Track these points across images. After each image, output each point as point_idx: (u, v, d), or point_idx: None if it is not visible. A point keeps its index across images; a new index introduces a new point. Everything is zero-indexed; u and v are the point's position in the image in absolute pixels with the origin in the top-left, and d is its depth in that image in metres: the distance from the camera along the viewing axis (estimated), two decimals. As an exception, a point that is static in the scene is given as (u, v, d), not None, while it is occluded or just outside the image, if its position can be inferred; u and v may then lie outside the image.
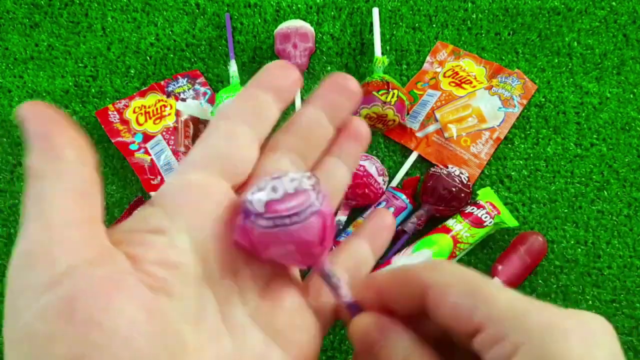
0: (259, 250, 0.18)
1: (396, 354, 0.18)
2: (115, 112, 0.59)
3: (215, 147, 0.20)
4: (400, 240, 0.53)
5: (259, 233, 0.17)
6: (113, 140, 0.57)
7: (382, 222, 0.23)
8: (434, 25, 0.64)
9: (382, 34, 0.62)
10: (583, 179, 0.57)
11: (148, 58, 0.63)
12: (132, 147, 0.57)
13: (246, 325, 0.19)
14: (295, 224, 0.17)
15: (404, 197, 0.54)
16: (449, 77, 0.61)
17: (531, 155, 0.58)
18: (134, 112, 0.59)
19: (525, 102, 0.59)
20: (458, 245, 0.51)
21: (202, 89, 0.61)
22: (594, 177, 0.57)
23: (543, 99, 0.60)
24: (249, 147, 0.20)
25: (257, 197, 0.17)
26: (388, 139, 0.59)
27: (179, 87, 0.61)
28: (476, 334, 0.17)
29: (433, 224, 0.53)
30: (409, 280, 0.19)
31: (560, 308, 0.17)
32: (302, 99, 0.59)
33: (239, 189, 0.20)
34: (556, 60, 0.62)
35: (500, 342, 0.16)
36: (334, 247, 0.22)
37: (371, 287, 0.20)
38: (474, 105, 0.58)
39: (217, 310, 0.18)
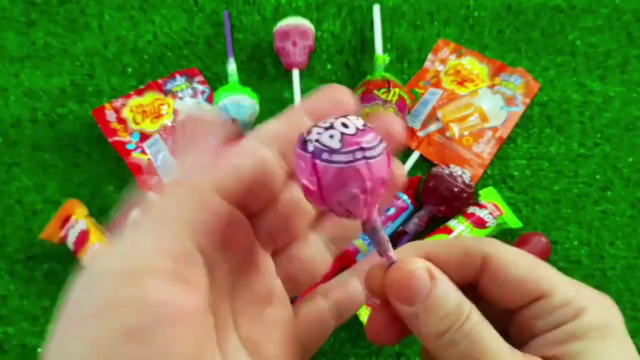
0: (328, 194, 0.17)
1: (446, 302, 0.18)
2: (112, 111, 0.58)
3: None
4: (402, 241, 0.52)
5: (334, 171, 0.16)
6: (110, 140, 0.56)
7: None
8: (436, 23, 0.64)
9: (383, 32, 0.62)
10: (586, 179, 0.56)
11: (145, 56, 0.62)
12: (129, 146, 0.56)
13: (239, 353, 0.18)
14: (373, 158, 0.16)
15: (405, 197, 0.53)
16: (450, 75, 0.60)
17: (534, 154, 0.57)
18: (131, 111, 0.58)
19: (528, 101, 0.58)
20: (460, 246, 0.50)
21: (200, 88, 0.60)
22: (597, 177, 0.56)
23: (546, 98, 0.59)
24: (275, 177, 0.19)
25: (327, 134, 0.16)
26: (389, 139, 0.58)
27: (176, 85, 0.60)
28: (534, 302, 0.18)
29: (435, 224, 0.53)
30: (467, 249, 0.19)
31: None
32: (301, 97, 0.59)
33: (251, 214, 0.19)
34: (559, 59, 0.61)
35: (565, 306, 0.18)
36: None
37: (420, 251, 0.19)
38: (476, 104, 0.57)
39: (216, 335, 0.18)
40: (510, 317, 0.19)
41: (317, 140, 0.16)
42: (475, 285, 0.19)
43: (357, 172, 0.16)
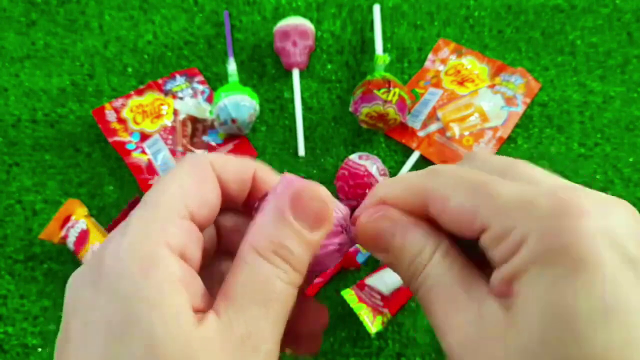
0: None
1: (411, 245, 0.18)
2: (112, 111, 0.58)
3: None
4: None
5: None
6: (110, 140, 0.56)
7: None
8: (436, 23, 0.63)
9: (383, 32, 0.62)
10: (587, 179, 0.56)
11: (145, 56, 0.62)
12: (129, 146, 0.56)
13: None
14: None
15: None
16: (451, 75, 0.60)
17: (534, 154, 0.57)
18: (131, 111, 0.58)
19: (528, 100, 0.58)
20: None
21: (201, 88, 0.60)
22: (597, 177, 0.56)
23: (546, 98, 0.59)
24: None
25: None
26: (389, 139, 0.58)
27: (176, 85, 0.60)
28: (482, 234, 0.16)
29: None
30: (411, 188, 0.19)
31: (579, 187, 0.15)
32: (302, 97, 0.59)
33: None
34: (560, 59, 0.61)
35: (505, 238, 0.15)
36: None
37: (375, 199, 0.20)
38: (476, 104, 0.57)
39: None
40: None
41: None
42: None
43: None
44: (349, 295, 0.48)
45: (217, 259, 0.22)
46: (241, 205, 0.22)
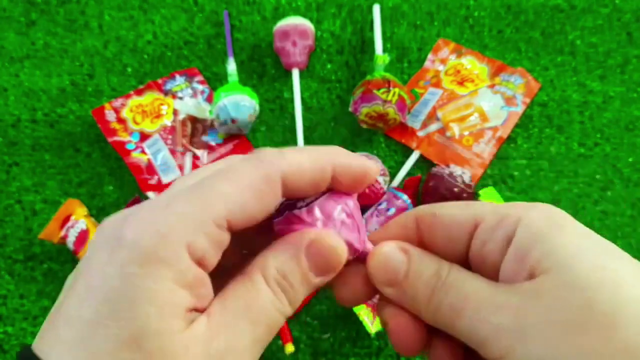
0: None
1: (426, 268, 0.20)
2: (112, 111, 0.58)
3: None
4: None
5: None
6: (109, 140, 0.56)
7: None
8: (436, 23, 0.63)
9: (383, 32, 0.62)
10: (587, 179, 0.56)
11: (145, 56, 0.62)
12: (129, 146, 0.56)
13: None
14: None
15: (405, 197, 0.53)
16: (450, 75, 0.60)
17: (534, 154, 0.57)
18: (131, 111, 0.58)
19: (528, 100, 0.58)
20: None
21: (200, 87, 0.60)
22: (597, 177, 0.56)
23: (546, 98, 0.59)
24: None
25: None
26: (389, 138, 0.58)
27: (176, 85, 0.60)
28: (475, 231, 0.19)
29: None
30: (406, 224, 0.21)
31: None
32: (301, 97, 0.59)
33: None
34: (559, 59, 0.61)
35: (503, 220, 0.18)
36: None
37: (388, 234, 0.22)
38: (476, 103, 0.57)
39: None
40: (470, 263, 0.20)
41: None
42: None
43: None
44: (349, 295, 0.48)
45: (237, 254, 0.22)
46: None
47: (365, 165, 0.20)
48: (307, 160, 0.19)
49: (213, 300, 0.18)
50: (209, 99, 0.59)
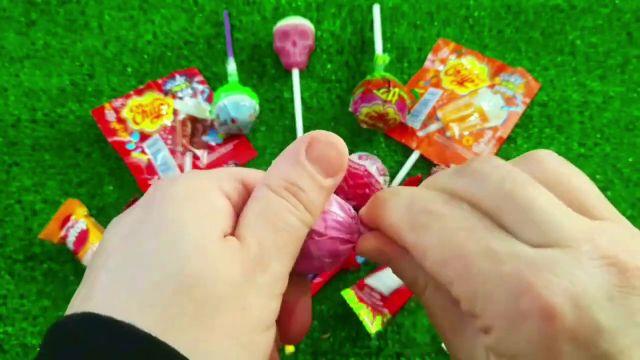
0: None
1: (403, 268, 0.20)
2: (112, 111, 0.58)
3: None
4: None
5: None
6: (109, 140, 0.56)
7: None
8: (436, 23, 0.63)
9: (383, 32, 0.62)
10: (587, 178, 0.56)
11: (145, 56, 0.62)
12: (129, 146, 0.56)
13: None
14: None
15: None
16: (450, 75, 0.60)
17: (534, 154, 0.57)
18: (131, 111, 0.58)
19: (528, 100, 0.58)
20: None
21: (200, 87, 0.60)
22: (597, 177, 0.56)
23: (546, 98, 0.59)
24: None
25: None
26: (389, 138, 0.58)
27: (176, 85, 0.60)
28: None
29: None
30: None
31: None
32: (301, 97, 0.59)
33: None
34: (559, 59, 0.61)
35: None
36: None
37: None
38: (476, 104, 0.57)
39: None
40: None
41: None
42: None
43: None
44: (349, 295, 0.48)
45: None
46: None
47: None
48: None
49: (236, 227, 0.19)
50: (209, 99, 0.59)
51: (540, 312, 0.14)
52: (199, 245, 0.17)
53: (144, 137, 0.57)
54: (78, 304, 0.16)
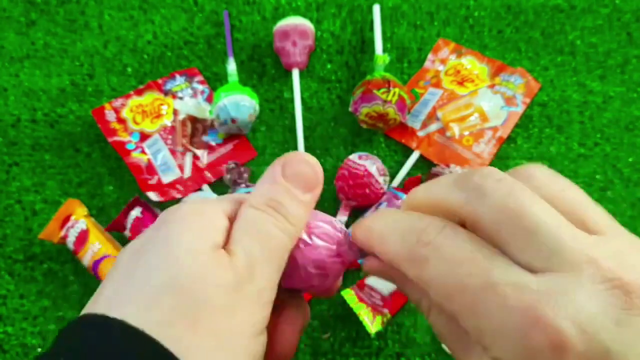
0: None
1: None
2: (112, 111, 0.58)
3: None
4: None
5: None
6: (109, 140, 0.56)
7: None
8: (436, 23, 0.63)
9: (383, 32, 0.62)
10: (586, 179, 0.56)
11: (145, 56, 0.62)
12: (129, 146, 0.56)
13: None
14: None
15: (405, 197, 0.53)
16: (450, 75, 0.60)
17: (534, 154, 0.57)
18: (131, 111, 0.58)
19: (528, 100, 0.58)
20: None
21: (200, 87, 0.60)
22: (597, 177, 0.56)
23: (546, 98, 0.59)
24: None
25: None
26: (389, 138, 0.58)
27: (176, 85, 0.60)
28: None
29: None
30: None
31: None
32: (301, 97, 0.59)
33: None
34: (559, 59, 0.61)
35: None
36: None
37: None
38: (476, 104, 0.57)
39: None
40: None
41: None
42: None
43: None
44: (349, 295, 0.48)
45: None
46: None
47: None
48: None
49: (226, 242, 0.20)
50: (209, 99, 0.59)
51: (550, 344, 0.14)
52: (191, 254, 0.18)
53: (144, 137, 0.57)
54: (82, 312, 0.18)
